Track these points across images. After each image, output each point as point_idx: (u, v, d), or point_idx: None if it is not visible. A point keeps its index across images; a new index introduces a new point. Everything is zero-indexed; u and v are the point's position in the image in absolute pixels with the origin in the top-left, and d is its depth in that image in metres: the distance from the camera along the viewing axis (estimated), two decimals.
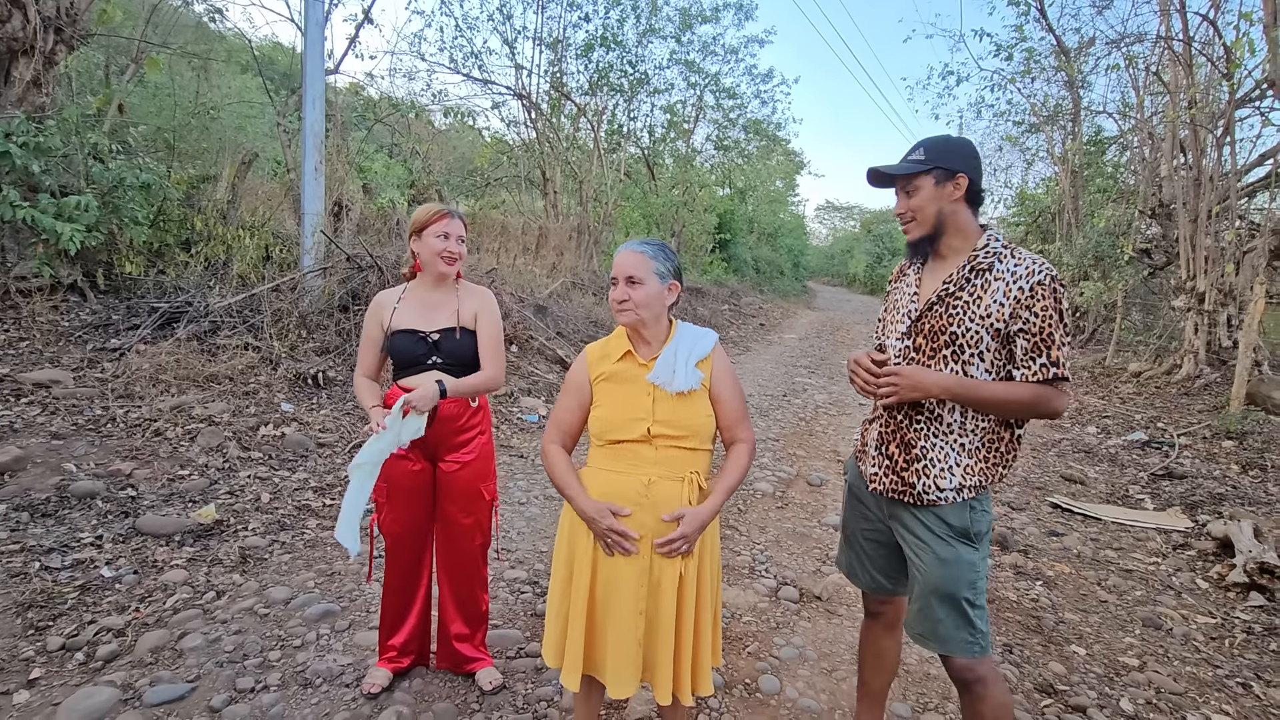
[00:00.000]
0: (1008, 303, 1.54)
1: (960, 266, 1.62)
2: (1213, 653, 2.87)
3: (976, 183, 1.63)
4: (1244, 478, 5.00)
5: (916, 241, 1.68)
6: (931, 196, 1.62)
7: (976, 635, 1.59)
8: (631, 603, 1.60)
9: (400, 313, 2.09)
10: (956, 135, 1.70)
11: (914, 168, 1.62)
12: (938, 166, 1.60)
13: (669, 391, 1.62)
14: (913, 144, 1.68)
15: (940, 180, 1.61)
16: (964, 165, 1.61)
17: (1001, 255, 1.59)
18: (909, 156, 1.66)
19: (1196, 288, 8.15)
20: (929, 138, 1.67)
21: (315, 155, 6.35)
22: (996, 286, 1.56)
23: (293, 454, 4.17)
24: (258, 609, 2.62)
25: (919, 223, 1.66)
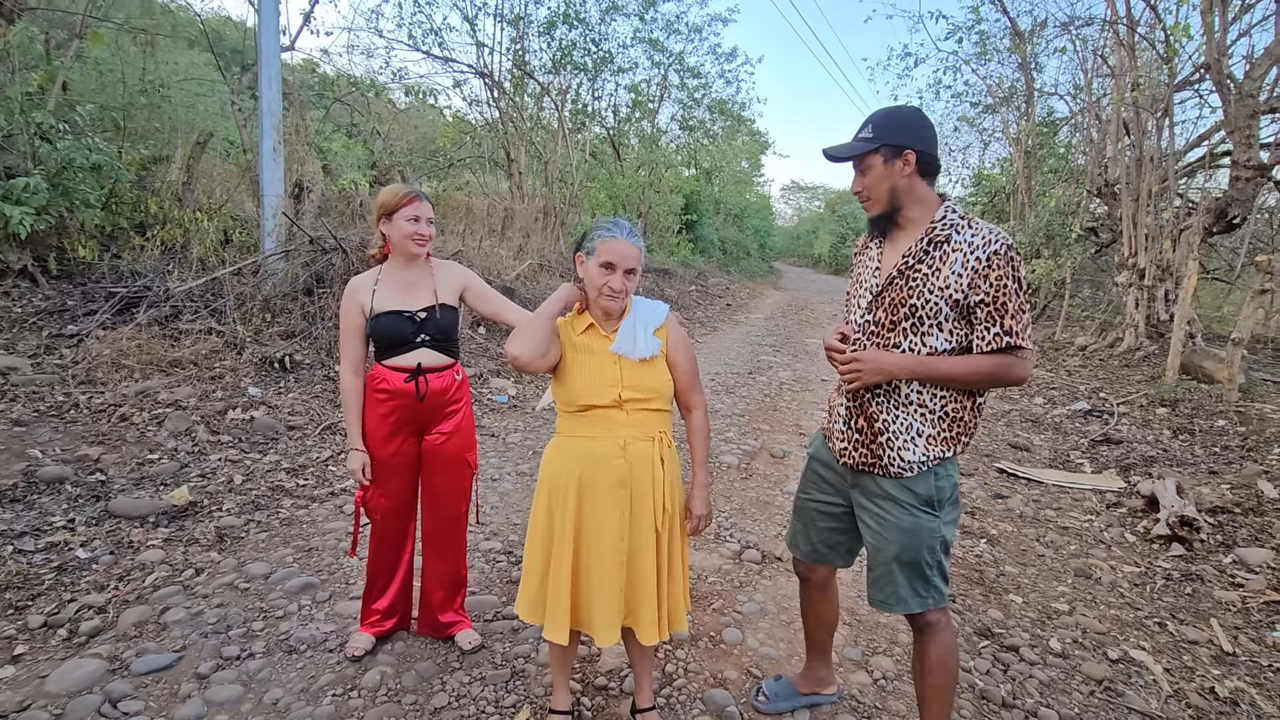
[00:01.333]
0: (965, 273, 1.56)
1: (918, 240, 1.65)
2: (1135, 597, 3.14)
3: (928, 153, 1.63)
4: (1174, 441, 5.36)
5: (875, 218, 1.72)
6: (882, 175, 1.64)
7: (930, 590, 1.70)
8: (613, 555, 1.74)
9: (380, 295, 2.13)
10: (906, 106, 1.71)
11: (862, 148, 1.64)
12: (884, 144, 1.62)
13: (633, 359, 1.75)
14: (864, 121, 1.69)
15: (888, 158, 1.62)
16: (911, 139, 1.61)
17: (959, 227, 1.61)
18: (859, 134, 1.68)
19: (1138, 264, 8.56)
20: (878, 111, 1.67)
21: (273, 135, 6.24)
22: (955, 258, 1.59)
23: (263, 437, 4.19)
24: (238, 584, 2.68)
25: (875, 200, 1.69)
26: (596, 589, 1.75)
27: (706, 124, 19.65)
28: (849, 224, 31.92)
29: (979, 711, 2.22)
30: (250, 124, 7.82)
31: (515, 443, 4.74)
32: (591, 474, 1.74)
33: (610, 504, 1.74)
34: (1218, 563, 3.43)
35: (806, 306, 15.16)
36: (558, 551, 1.77)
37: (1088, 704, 2.33)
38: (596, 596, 1.75)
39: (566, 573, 1.75)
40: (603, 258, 1.70)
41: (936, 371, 1.62)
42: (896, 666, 2.44)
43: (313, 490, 3.65)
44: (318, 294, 5.85)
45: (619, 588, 1.75)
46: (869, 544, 1.78)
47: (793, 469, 4.56)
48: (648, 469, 1.76)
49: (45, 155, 5.22)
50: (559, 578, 1.76)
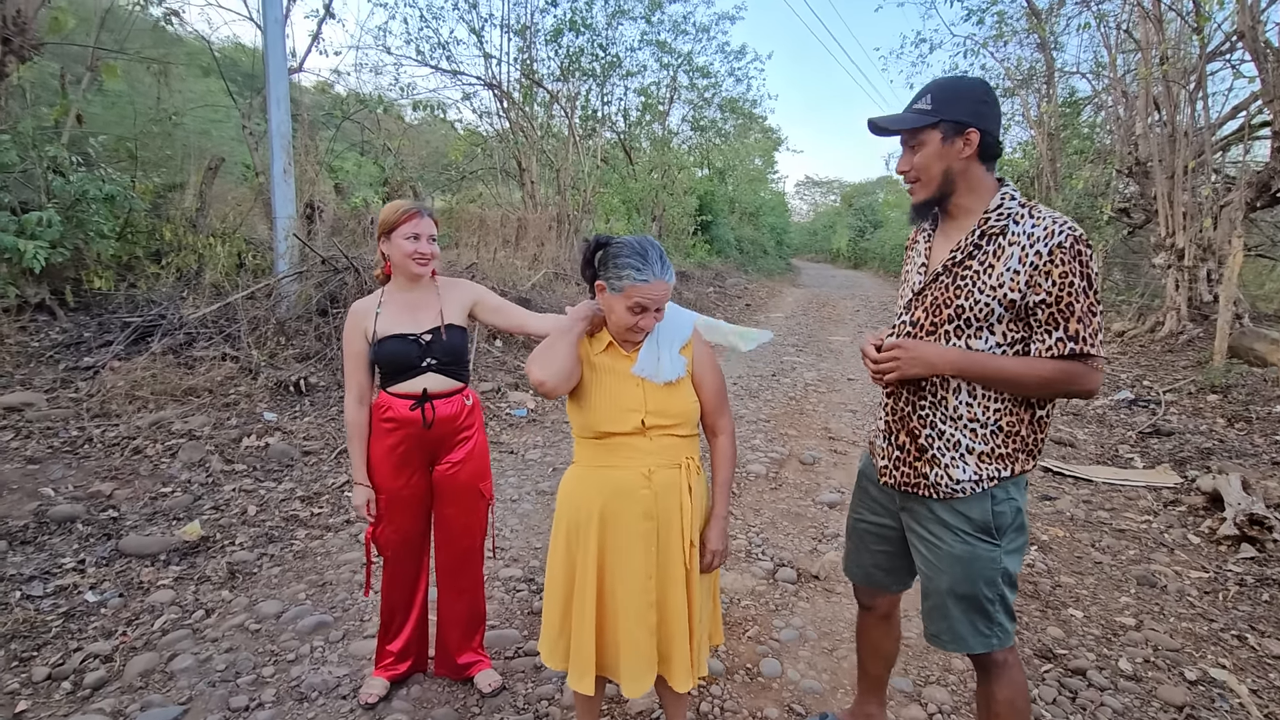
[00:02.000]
0: (1023, 270, 1.36)
1: (970, 231, 1.45)
2: (1207, 607, 2.90)
3: (991, 134, 1.42)
4: (1230, 431, 5.05)
5: (920, 204, 1.51)
6: (937, 154, 1.43)
7: (994, 629, 1.50)
8: (641, 595, 1.58)
9: (384, 319, 2.00)
10: (970, 77, 1.49)
11: (917, 121, 1.44)
12: (944, 119, 1.41)
13: (657, 382, 1.58)
14: (920, 89, 1.48)
15: (948, 135, 1.42)
16: (975, 116, 1.41)
17: (1018, 216, 1.41)
18: (914, 104, 1.46)
19: (1176, 244, 8.19)
20: (938, 80, 1.46)
21: (283, 157, 6.22)
22: (1011, 252, 1.39)
23: (277, 464, 4.11)
24: (249, 625, 2.57)
25: (923, 183, 1.48)
26: (624, 633, 1.59)
27: (718, 123, 19.47)
28: (866, 217, 31.46)
29: None
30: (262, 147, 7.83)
31: (535, 459, 4.61)
32: (615, 506, 1.57)
33: (636, 539, 1.57)
34: None
35: (828, 303, 14.87)
36: (579, 592, 1.61)
37: None
38: (625, 642, 1.59)
39: (590, 616, 1.59)
40: (632, 300, 1.51)
41: (988, 369, 1.41)
42: (953, 698, 2.24)
43: (327, 519, 3.54)
44: (331, 314, 5.79)
45: (649, 630, 1.58)
46: (921, 572, 1.60)
47: (824, 476, 4.36)
48: (675, 499, 1.59)
49: (59, 189, 5.22)
50: (582, 621, 1.60)
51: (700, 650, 1.67)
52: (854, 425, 5.55)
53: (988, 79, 13.44)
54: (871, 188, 35.27)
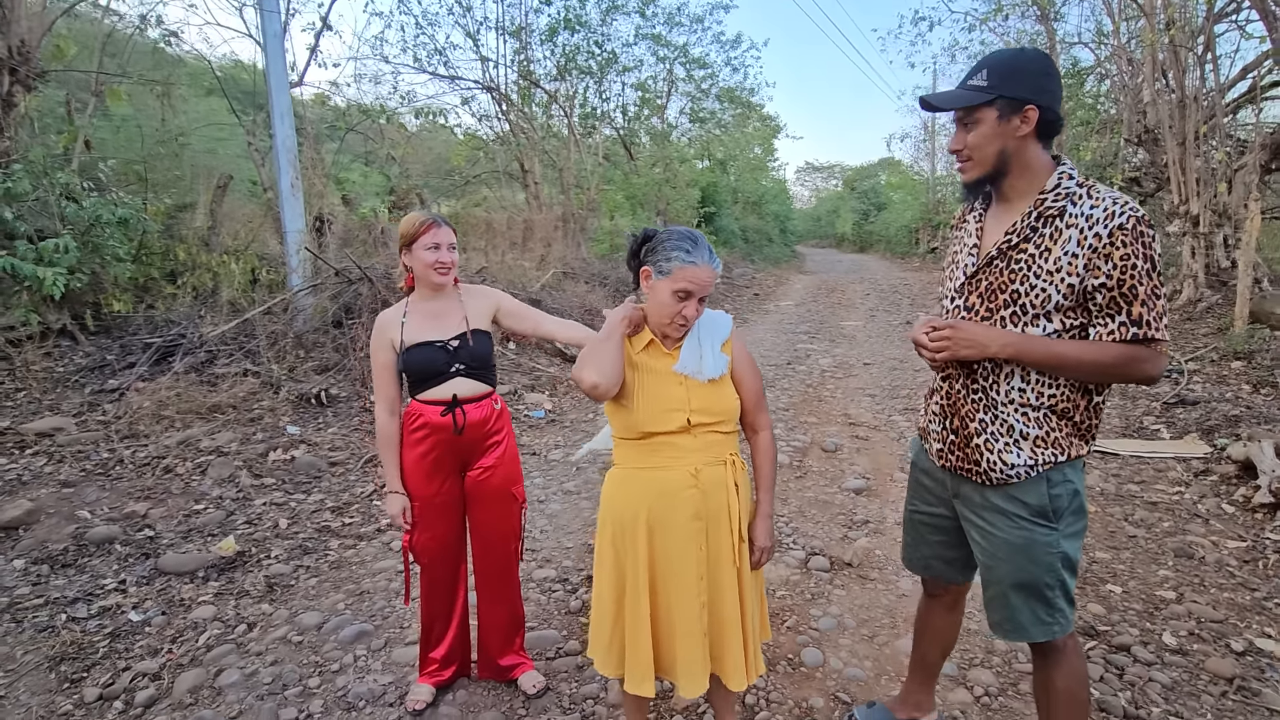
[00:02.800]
0: (1082, 253, 1.32)
1: (1025, 213, 1.40)
2: (1248, 576, 2.87)
3: (1052, 110, 1.36)
4: (1256, 396, 4.99)
5: (972, 184, 1.47)
6: (993, 133, 1.38)
7: (1055, 616, 1.48)
8: (694, 596, 1.58)
9: (410, 328, 2.02)
10: (1030, 49, 1.42)
11: (973, 98, 1.38)
12: (1002, 96, 1.35)
13: (700, 380, 1.58)
14: (977, 63, 1.42)
15: (1005, 113, 1.36)
16: (1034, 93, 1.35)
17: (1075, 196, 1.35)
18: (969, 80, 1.40)
19: (1190, 211, 8.09)
20: (995, 55, 1.40)
21: (290, 171, 6.25)
22: (1069, 235, 1.34)
23: (305, 476, 4.14)
24: (291, 637, 2.59)
25: (976, 163, 1.43)
26: (680, 635, 1.58)
27: (717, 114, 19.39)
28: (869, 200, 31.25)
29: None
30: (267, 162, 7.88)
31: (558, 459, 4.62)
32: (662, 508, 1.57)
33: (686, 540, 1.57)
34: None
35: (837, 288, 14.80)
36: (632, 597, 1.59)
37: (1222, 708, 2.09)
38: (681, 643, 1.58)
39: (645, 620, 1.58)
40: (679, 284, 1.51)
41: (1046, 353, 1.36)
42: (999, 680, 2.23)
43: (359, 528, 3.57)
44: (347, 325, 5.82)
45: (703, 632, 1.58)
46: (980, 561, 1.57)
47: (847, 462, 4.35)
48: (723, 497, 1.58)
49: (73, 215, 5.28)
50: (637, 626, 1.59)
51: (754, 648, 1.67)
52: (874, 410, 5.53)
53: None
54: (873, 170, 35.01)
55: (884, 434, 4.92)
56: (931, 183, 23.42)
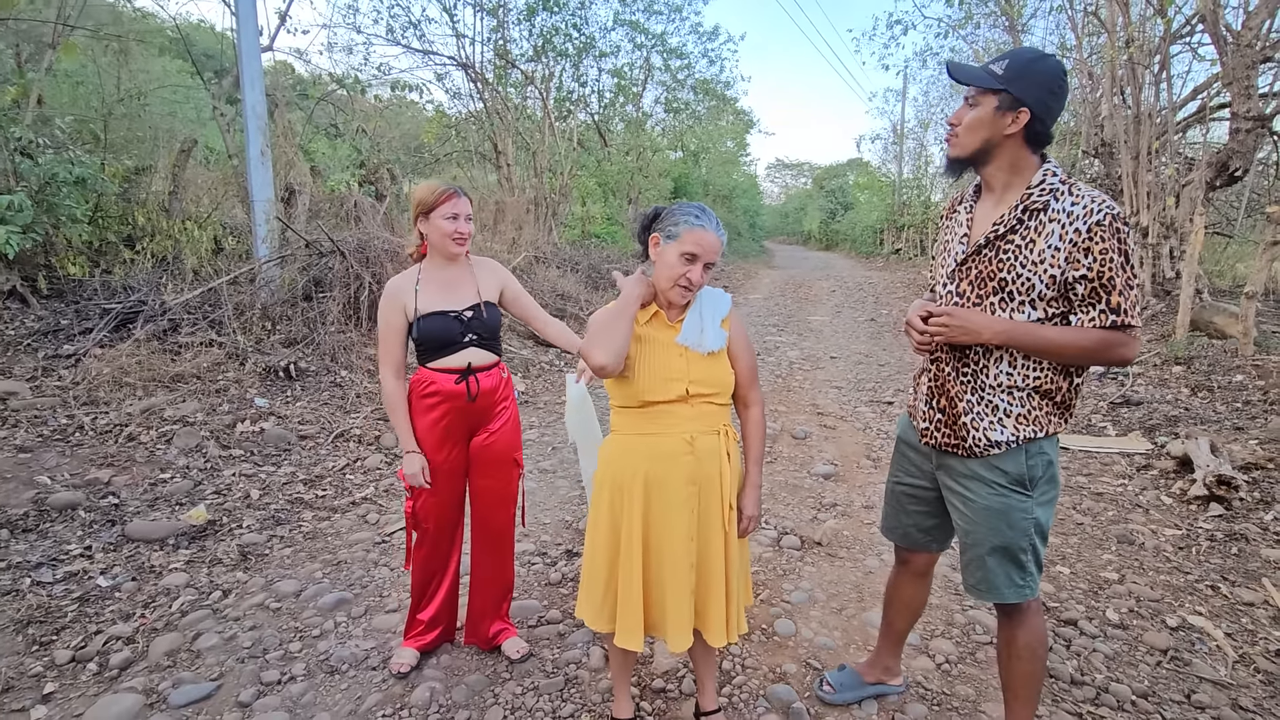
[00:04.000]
0: (1064, 247, 1.42)
1: (1012, 206, 1.50)
2: (1182, 561, 3.09)
3: (1044, 122, 1.45)
4: (1194, 399, 5.31)
5: (952, 160, 1.56)
6: (986, 120, 1.47)
7: (1027, 579, 1.59)
8: (684, 555, 1.65)
9: (424, 296, 2.04)
10: (1051, 59, 1.48)
11: (985, 81, 1.46)
12: (1008, 90, 1.44)
13: (700, 352, 1.65)
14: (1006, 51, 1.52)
15: (1003, 106, 1.44)
16: (1034, 99, 1.43)
17: (1059, 193, 1.45)
18: (992, 64, 1.48)
19: (1140, 223, 8.49)
20: (1021, 51, 1.47)
21: (260, 139, 6.07)
22: (1051, 229, 1.44)
23: (275, 448, 4.08)
24: (269, 604, 2.59)
25: (960, 141, 1.52)
26: (670, 592, 1.66)
27: (691, 105, 19.42)
28: (837, 199, 31.74)
29: (1050, 691, 2.16)
30: (234, 129, 7.63)
31: (533, 439, 4.65)
32: (658, 472, 1.64)
33: (679, 503, 1.64)
34: (1259, 520, 3.39)
35: (804, 284, 15.06)
36: (626, 555, 1.67)
37: (1156, 675, 2.27)
38: (670, 600, 1.66)
39: (638, 576, 1.66)
40: (686, 247, 1.58)
41: (1033, 339, 1.46)
42: (958, 649, 2.37)
43: (332, 501, 3.55)
44: (317, 299, 5.72)
45: (690, 590, 1.66)
46: (959, 527, 1.68)
47: (816, 450, 4.49)
48: (716, 464, 1.66)
49: (27, 171, 5.04)
50: (629, 582, 1.66)
51: (738, 610, 1.76)
52: (840, 401, 5.69)
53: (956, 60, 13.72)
54: (842, 170, 35.53)
55: (850, 424, 5.08)
56: (898, 185, 23.93)
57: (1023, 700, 1.70)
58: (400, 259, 6.09)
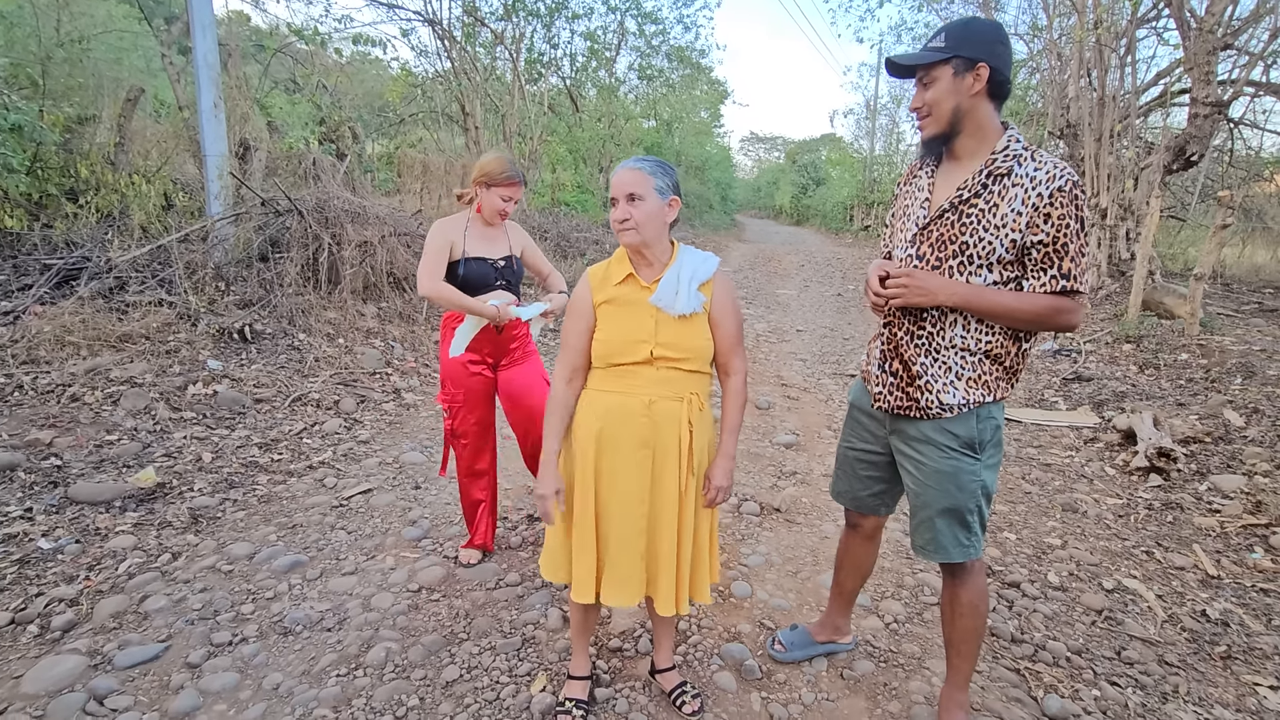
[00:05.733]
0: (1025, 211, 1.44)
1: (976, 171, 1.51)
2: (1121, 528, 3.23)
3: (1002, 73, 1.47)
4: (1141, 376, 5.51)
5: (930, 140, 1.56)
6: (949, 89, 1.49)
7: (972, 539, 1.64)
8: (634, 520, 1.65)
9: (470, 241, 2.42)
10: (984, 18, 1.52)
11: (931, 57, 1.48)
12: (957, 55, 1.46)
13: (671, 314, 1.61)
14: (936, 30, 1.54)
15: (959, 71, 1.47)
16: (986, 53, 1.45)
17: (1022, 158, 1.47)
18: (930, 43, 1.52)
19: (1100, 204, 8.69)
20: (953, 21, 1.52)
21: (212, 90, 5.79)
22: (1014, 193, 1.46)
23: (229, 412, 3.97)
24: (220, 566, 2.54)
25: (934, 119, 1.53)
26: (617, 552, 1.67)
27: (665, 73, 19.12)
28: (809, 174, 31.78)
29: (990, 649, 2.25)
30: (184, 79, 7.27)
31: None
32: (612, 430, 1.63)
33: (631, 465, 1.64)
34: (1194, 491, 3.55)
35: (773, 258, 15.12)
36: (580, 510, 1.67)
37: (1091, 634, 2.38)
38: (620, 559, 1.67)
39: (590, 531, 1.66)
40: (610, 193, 1.63)
41: (987, 303, 1.49)
42: (906, 610, 2.45)
43: (288, 465, 3.48)
44: (274, 259, 5.53)
45: (639, 554, 1.67)
46: (910, 490, 1.71)
47: (778, 420, 4.55)
48: (674, 431, 1.64)
49: None
50: (583, 536, 1.67)
51: (700, 580, 1.76)
52: (804, 374, 5.76)
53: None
54: (815, 145, 35.55)
55: (813, 395, 5.15)
56: (869, 161, 24.04)
57: (964, 655, 1.76)
58: (362, 220, 5.93)
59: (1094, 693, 2.07)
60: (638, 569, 1.68)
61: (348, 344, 5.21)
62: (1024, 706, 1.99)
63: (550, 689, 1.96)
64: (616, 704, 1.91)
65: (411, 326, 5.87)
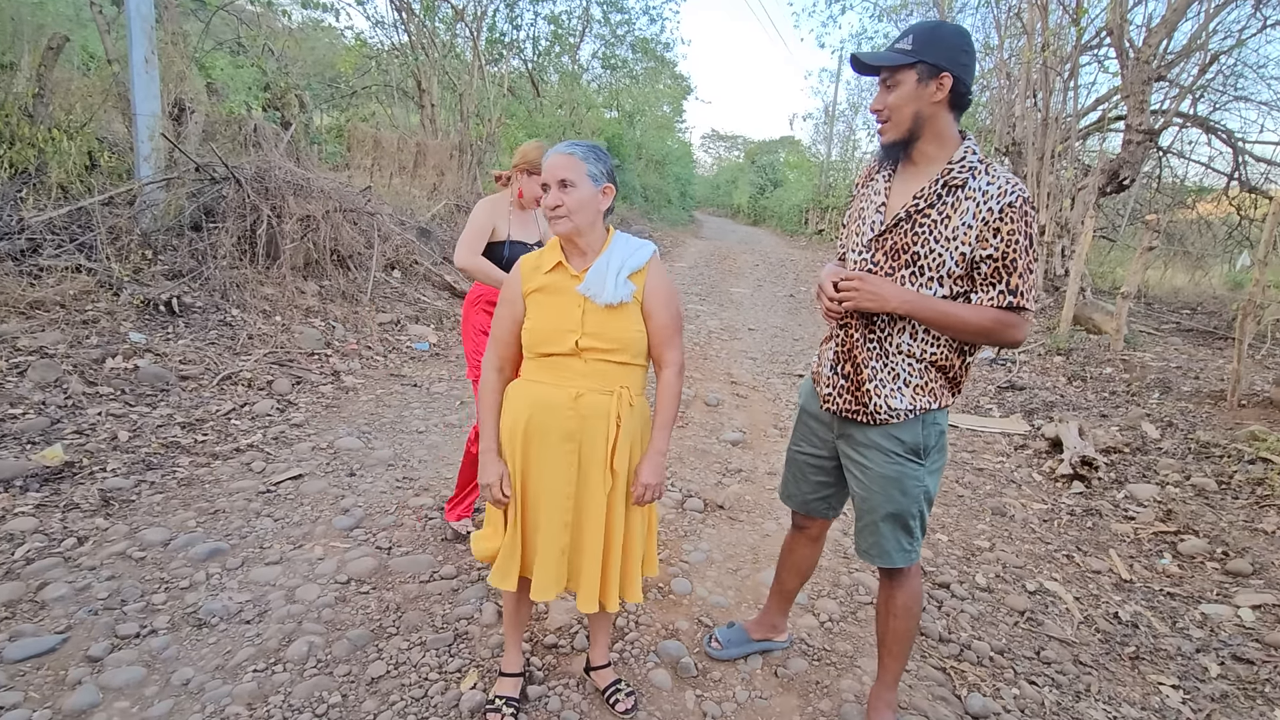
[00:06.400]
0: (975, 225, 1.44)
1: (933, 180, 1.51)
2: (1045, 533, 3.37)
3: (965, 83, 1.47)
4: (1070, 387, 5.77)
5: (889, 145, 1.55)
6: (911, 95, 1.47)
7: (913, 544, 1.68)
8: (558, 514, 1.62)
9: (513, 225, 2.51)
10: (952, 24, 1.52)
11: (897, 59, 1.46)
12: (923, 60, 1.45)
13: (599, 303, 1.56)
14: (903, 30, 1.51)
15: (923, 77, 1.45)
16: (951, 62, 1.44)
17: (976, 171, 1.48)
18: (896, 44, 1.49)
19: (1039, 221, 9.05)
20: (922, 23, 1.51)
21: (145, 44, 5.42)
22: (967, 206, 1.46)
23: (150, 388, 3.74)
24: (131, 553, 2.38)
25: (894, 124, 1.51)
26: (540, 543, 1.64)
27: (630, 64, 19.02)
28: (767, 175, 32.19)
29: (919, 648, 2.30)
30: (116, 30, 6.79)
31: (441, 393, 4.49)
32: (539, 420, 1.59)
33: (557, 457, 1.59)
34: (1113, 498, 3.73)
35: (729, 256, 15.25)
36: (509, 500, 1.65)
37: (1013, 634, 2.47)
38: (540, 550, 1.64)
39: (516, 520, 1.64)
40: (543, 178, 1.58)
41: (935, 313, 1.50)
42: (841, 609, 2.49)
43: (214, 446, 3.30)
44: (207, 229, 5.24)
45: (561, 549, 1.63)
46: (855, 494, 1.73)
47: (727, 417, 4.58)
48: (601, 425, 1.58)
49: None
50: (511, 523, 1.65)
51: (630, 579, 1.72)
52: (754, 372, 5.82)
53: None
54: (774, 146, 36.01)
55: (762, 394, 5.21)
56: (826, 166, 24.48)
57: (895, 655, 1.79)
58: (306, 193, 5.67)
59: (1014, 691, 2.15)
60: (560, 564, 1.64)
61: (285, 322, 4.98)
62: (948, 705, 2.05)
63: (481, 686, 1.91)
64: (549, 702, 1.87)
65: (355, 307, 5.66)
